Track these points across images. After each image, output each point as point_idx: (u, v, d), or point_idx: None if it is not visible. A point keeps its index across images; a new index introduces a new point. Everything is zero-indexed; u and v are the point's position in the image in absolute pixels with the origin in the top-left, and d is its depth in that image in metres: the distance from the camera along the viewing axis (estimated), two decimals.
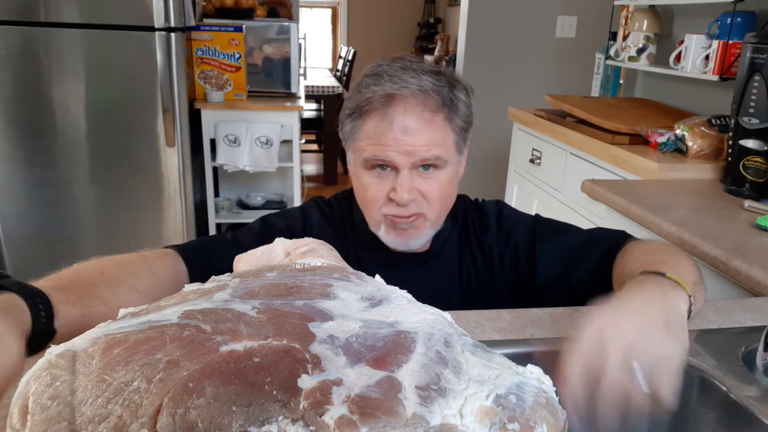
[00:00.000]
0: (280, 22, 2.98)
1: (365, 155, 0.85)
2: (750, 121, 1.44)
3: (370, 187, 0.87)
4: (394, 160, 0.83)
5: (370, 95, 0.83)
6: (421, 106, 0.83)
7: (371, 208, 0.88)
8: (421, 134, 0.83)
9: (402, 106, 0.82)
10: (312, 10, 7.14)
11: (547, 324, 0.78)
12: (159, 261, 0.80)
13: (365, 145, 0.85)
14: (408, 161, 0.83)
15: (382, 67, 0.86)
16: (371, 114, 0.84)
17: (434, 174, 0.86)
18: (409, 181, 0.84)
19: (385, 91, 0.82)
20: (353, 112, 0.86)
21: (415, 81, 0.82)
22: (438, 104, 0.84)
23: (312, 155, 5.66)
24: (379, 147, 0.83)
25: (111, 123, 2.38)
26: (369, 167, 0.86)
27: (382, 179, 0.86)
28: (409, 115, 0.82)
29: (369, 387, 0.41)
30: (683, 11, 2.21)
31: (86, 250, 2.13)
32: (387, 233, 0.89)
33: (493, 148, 3.36)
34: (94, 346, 0.43)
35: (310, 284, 0.55)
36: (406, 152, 0.83)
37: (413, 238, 0.89)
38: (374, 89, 0.83)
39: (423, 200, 0.86)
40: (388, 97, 0.82)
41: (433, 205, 0.87)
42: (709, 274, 1.12)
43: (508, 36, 3.43)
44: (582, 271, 0.91)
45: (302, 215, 0.97)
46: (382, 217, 0.88)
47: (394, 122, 0.82)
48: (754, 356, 0.70)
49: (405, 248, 0.90)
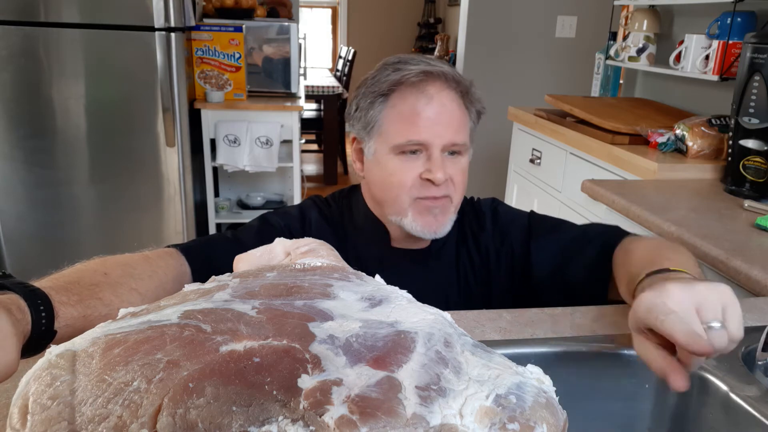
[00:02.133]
0: (280, 22, 2.98)
1: (398, 140, 0.85)
2: (750, 121, 1.44)
3: (398, 172, 0.87)
4: (429, 140, 0.84)
5: (405, 74, 0.84)
6: (452, 88, 0.86)
7: (399, 194, 0.87)
8: (453, 116, 0.85)
9: (439, 83, 0.85)
10: (312, 10, 7.14)
11: (547, 324, 0.78)
12: (161, 261, 0.80)
13: (396, 128, 0.86)
14: (441, 141, 0.85)
15: (401, 57, 0.88)
16: (404, 93, 0.85)
17: (458, 159, 0.88)
18: (443, 162, 0.86)
19: (422, 68, 0.84)
20: (378, 96, 0.86)
21: (444, 66, 0.86)
22: (462, 90, 0.87)
23: (312, 155, 5.66)
24: (414, 129, 0.84)
25: (111, 123, 2.38)
26: (398, 152, 0.86)
27: (412, 162, 0.86)
28: (444, 93, 0.85)
29: (369, 387, 0.41)
30: (683, 11, 2.21)
31: (86, 250, 2.13)
32: (415, 219, 0.88)
33: (493, 148, 3.36)
34: (94, 346, 0.43)
35: (310, 284, 0.55)
36: (438, 133, 0.84)
37: (441, 225, 0.89)
38: (409, 68, 0.85)
39: (450, 183, 0.88)
40: (426, 73, 0.84)
41: (458, 190, 0.89)
42: (709, 274, 1.12)
43: (508, 36, 3.43)
44: (578, 266, 0.91)
45: (300, 214, 0.97)
46: (411, 202, 0.87)
47: (432, 98, 0.84)
48: (754, 356, 0.70)
49: (432, 235, 0.90)
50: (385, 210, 0.91)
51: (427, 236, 0.90)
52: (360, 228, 0.96)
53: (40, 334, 0.59)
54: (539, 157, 2.31)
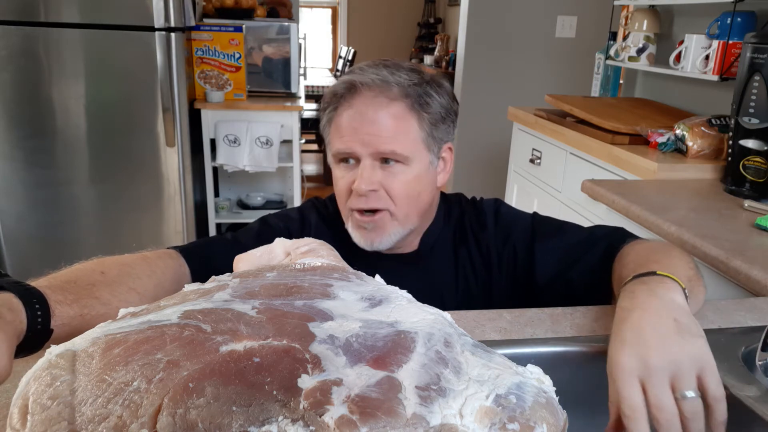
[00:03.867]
0: (280, 22, 2.98)
1: (333, 149, 0.88)
2: (750, 121, 1.44)
3: (339, 180, 0.89)
4: (354, 149, 0.85)
5: (337, 85, 0.87)
6: (383, 95, 0.84)
7: (340, 202, 0.90)
8: (380, 124, 0.84)
9: (362, 94, 0.85)
10: (312, 10, 7.14)
11: (547, 324, 0.78)
12: (160, 261, 0.80)
13: (333, 137, 0.87)
14: (366, 151, 0.84)
15: (354, 66, 0.90)
16: (338, 103, 0.86)
17: (398, 168, 0.86)
18: (370, 172, 0.85)
19: (348, 79, 0.85)
20: (326, 104, 0.89)
21: (379, 72, 0.85)
22: (399, 95, 0.85)
23: (312, 155, 5.66)
24: (342, 139, 0.85)
25: (111, 123, 2.38)
26: (337, 161, 0.88)
27: (347, 171, 0.87)
28: (370, 103, 0.84)
29: (369, 387, 0.41)
30: (683, 11, 2.21)
31: (86, 250, 2.13)
32: (353, 231, 0.89)
33: (493, 148, 3.36)
34: (94, 346, 0.43)
35: (310, 284, 0.55)
36: (363, 141, 0.84)
37: (378, 238, 0.88)
38: (342, 79, 0.87)
39: (386, 195, 0.86)
40: (350, 85, 0.85)
41: (398, 202, 0.86)
42: (709, 274, 1.12)
43: (508, 36, 3.43)
44: (582, 270, 0.91)
45: (300, 216, 0.97)
46: (349, 212, 0.89)
47: (353, 108, 0.84)
48: (754, 356, 0.70)
49: (371, 248, 0.89)
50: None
51: (366, 247, 0.89)
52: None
53: (36, 333, 0.59)
54: (539, 157, 2.31)
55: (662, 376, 0.56)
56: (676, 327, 0.59)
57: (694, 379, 0.57)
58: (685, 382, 0.56)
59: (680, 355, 0.57)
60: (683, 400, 0.56)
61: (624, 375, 0.57)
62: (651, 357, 0.57)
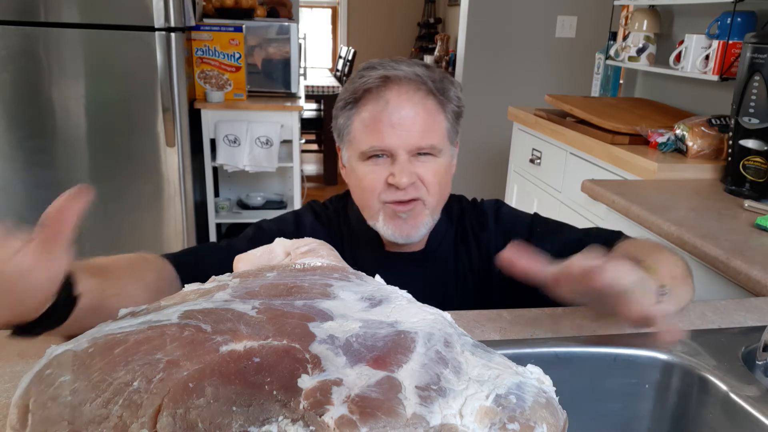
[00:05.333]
0: (280, 22, 2.98)
1: (362, 147, 0.86)
2: (750, 121, 1.44)
3: (367, 177, 0.87)
4: (391, 145, 0.84)
5: (367, 79, 0.85)
6: (414, 89, 0.85)
7: (369, 198, 0.88)
8: (417, 119, 0.84)
9: (397, 87, 0.84)
10: (312, 10, 7.14)
11: (547, 324, 0.78)
12: (158, 262, 0.81)
13: (361, 135, 0.86)
14: (405, 146, 0.84)
15: (374, 61, 0.88)
16: (367, 98, 0.85)
17: (430, 159, 0.87)
18: (408, 165, 0.85)
19: (381, 73, 0.85)
20: (348, 101, 0.87)
21: (407, 67, 0.85)
22: (431, 89, 0.86)
23: (312, 155, 5.66)
24: (376, 135, 0.84)
25: (111, 123, 2.38)
26: (365, 158, 0.87)
27: (378, 166, 0.86)
28: (404, 97, 0.84)
29: (369, 387, 0.41)
30: (683, 11, 2.21)
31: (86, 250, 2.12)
32: (386, 224, 0.88)
33: (493, 148, 3.36)
34: (94, 346, 0.44)
35: (310, 284, 0.55)
36: (401, 137, 0.84)
37: (413, 229, 0.88)
38: (370, 74, 0.85)
39: (421, 185, 0.87)
40: (383, 79, 0.84)
41: (431, 190, 0.88)
42: (709, 274, 1.12)
43: (508, 36, 3.43)
44: None
45: (295, 218, 0.98)
46: (381, 206, 0.88)
47: (390, 102, 0.84)
48: (754, 356, 0.70)
49: (405, 240, 0.89)
50: (364, 215, 0.92)
51: (399, 240, 0.89)
52: (355, 232, 0.96)
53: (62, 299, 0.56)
54: (539, 157, 2.31)
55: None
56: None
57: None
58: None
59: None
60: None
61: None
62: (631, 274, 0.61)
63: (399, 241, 0.89)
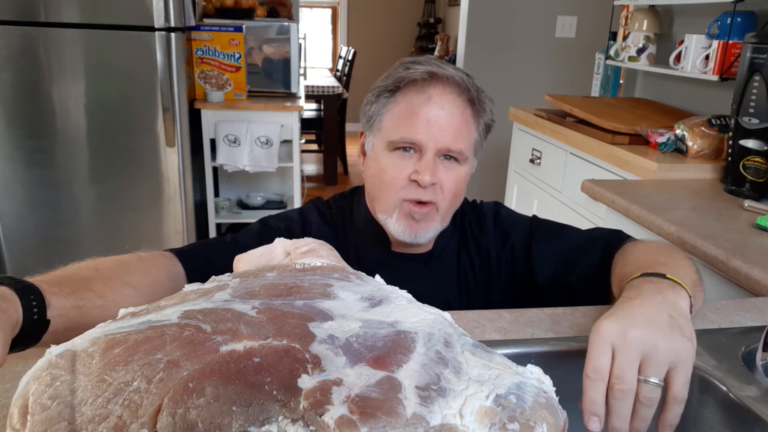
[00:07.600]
0: (280, 22, 2.98)
1: (392, 137, 0.85)
2: (750, 121, 1.44)
3: (390, 169, 0.86)
4: (423, 140, 0.83)
5: (413, 71, 0.85)
6: (457, 93, 0.85)
7: (388, 192, 0.87)
8: (453, 121, 0.84)
9: (442, 86, 0.84)
10: (312, 10, 7.14)
11: (547, 324, 0.78)
12: (155, 260, 0.80)
13: (394, 124, 0.86)
14: (436, 145, 0.84)
15: (417, 58, 0.88)
16: (409, 89, 0.85)
17: (454, 166, 0.87)
18: (434, 165, 0.85)
19: (428, 69, 0.84)
20: (387, 89, 0.87)
21: (453, 71, 0.85)
22: (472, 97, 0.86)
23: (312, 155, 5.66)
24: (409, 128, 0.84)
25: (111, 123, 2.38)
26: (392, 149, 0.86)
27: (404, 161, 0.86)
28: (447, 97, 0.84)
29: (369, 387, 0.41)
30: (683, 11, 2.21)
31: (86, 250, 2.13)
32: (398, 221, 0.88)
33: (493, 148, 3.34)
34: (94, 346, 0.43)
35: (310, 284, 0.55)
36: (434, 134, 0.83)
37: (423, 231, 0.88)
38: (416, 67, 0.85)
39: (439, 190, 0.86)
40: (431, 74, 0.84)
41: (446, 198, 0.87)
42: (709, 274, 1.12)
43: (508, 36, 3.43)
44: (580, 271, 0.91)
45: (301, 217, 0.97)
46: (398, 203, 0.87)
47: (432, 98, 0.84)
48: (754, 356, 0.70)
49: (412, 239, 0.89)
50: (375, 207, 0.91)
51: (406, 239, 0.89)
52: (360, 231, 0.95)
53: (33, 324, 0.59)
54: (539, 157, 2.31)
55: (634, 350, 0.56)
56: (669, 321, 0.59)
57: (664, 370, 0.56)
58: (654, 369, 0.56)
59: (661, 342, 0.56)
60: (644, 384, 0.55)
61: (599, 339, 0.57)
62: (631, 330, 0.56)
63: (407, 239, 0.89)
